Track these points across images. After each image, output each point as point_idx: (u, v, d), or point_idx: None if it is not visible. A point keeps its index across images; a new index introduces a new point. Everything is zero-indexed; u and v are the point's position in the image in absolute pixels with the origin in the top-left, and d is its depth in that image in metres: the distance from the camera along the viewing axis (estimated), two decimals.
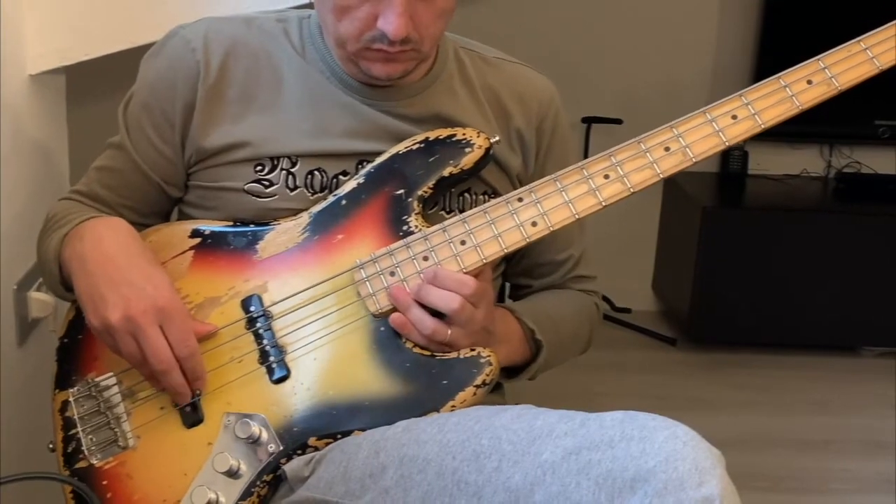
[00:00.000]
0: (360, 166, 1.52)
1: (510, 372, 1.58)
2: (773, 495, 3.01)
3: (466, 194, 1.56)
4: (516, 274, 1.71)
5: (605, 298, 4.21)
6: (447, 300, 1.38)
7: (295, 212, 1.51)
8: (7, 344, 1.79)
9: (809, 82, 1.46)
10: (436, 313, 1.39)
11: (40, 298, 1.85)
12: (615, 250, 4.15)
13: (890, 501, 3.03)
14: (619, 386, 3.65)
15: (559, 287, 1.72)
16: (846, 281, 3.91)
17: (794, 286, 3.92)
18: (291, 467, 1.38)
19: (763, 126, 1.46)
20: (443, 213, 1.53)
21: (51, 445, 1.48)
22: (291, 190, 1.51)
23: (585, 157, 3.93)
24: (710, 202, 3.99)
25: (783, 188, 4.20)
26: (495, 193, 1.55)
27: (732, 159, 4.23)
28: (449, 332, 1.38)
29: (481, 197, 1.55)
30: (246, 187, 1.51)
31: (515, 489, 1.18)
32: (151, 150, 1.56)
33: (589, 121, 4.01)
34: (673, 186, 4.21)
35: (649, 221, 4.38)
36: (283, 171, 1.51)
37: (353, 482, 1.30)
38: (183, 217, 1.61)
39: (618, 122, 3.97)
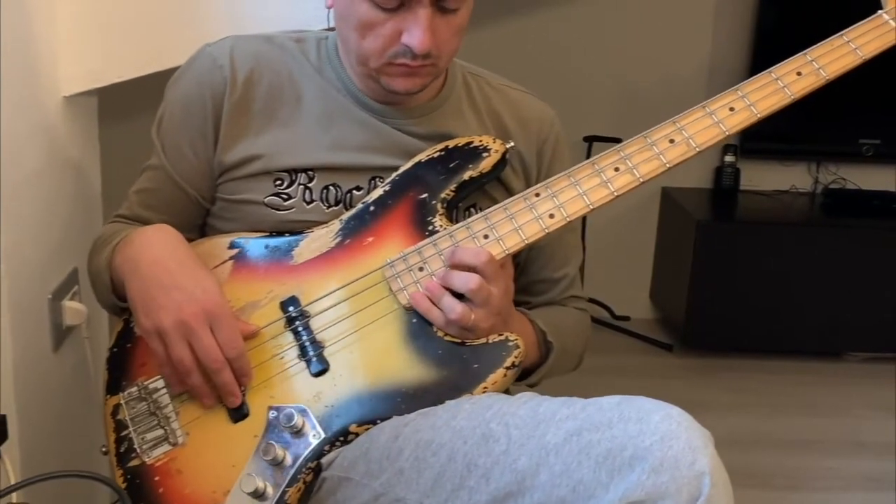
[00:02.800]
0: (372, 182, 1.53)
1: (520, 374, 1.58)
2: (764, 492, 2.99)
3: (472, 209, 1.56)
4: (516, 291, 1.70)
5: (606, 307, 4.22)
6: (466, 280, 1.39)
7: (310, 224, 1.51)
8: (42, 350, 1.78)
9: (799, 74, 1.48)
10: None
11: (74, 307, 1.84)
12: (615, 262, 4.17)
13: (872, 498, 3.02)
14: (619, 389, 3.60)
15: (556, 304, 1.71)
16: (832, 290, 3.89)
17: (783, 295, 3.90)
18: (329, 456, 1.39)
19: (759, 115, 1.47)
20: None
21: (104, 449, 1.48)
22: (308, 203, 1.51)
23: None
24: (705, 216, 3.97)
25: (773, 203, 4.19)
26: None
27: (725, 176, 4.21)
28: (473, 315, 1.38)
29: None
30: (266, 200, 1.51)
31: (522, 470, 1.19)
32: (188, 166, 1.56)
33: (590, 139, 4.00)
34: (669, 201, 4.21)
35: (647, 235, 4.37)
36: (301, 186, 1.51)
37: (373, 463, 1.32)
38: (206, 227, 1.61)
39: (617, 140, 3.95)
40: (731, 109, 1.47)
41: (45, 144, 1.78)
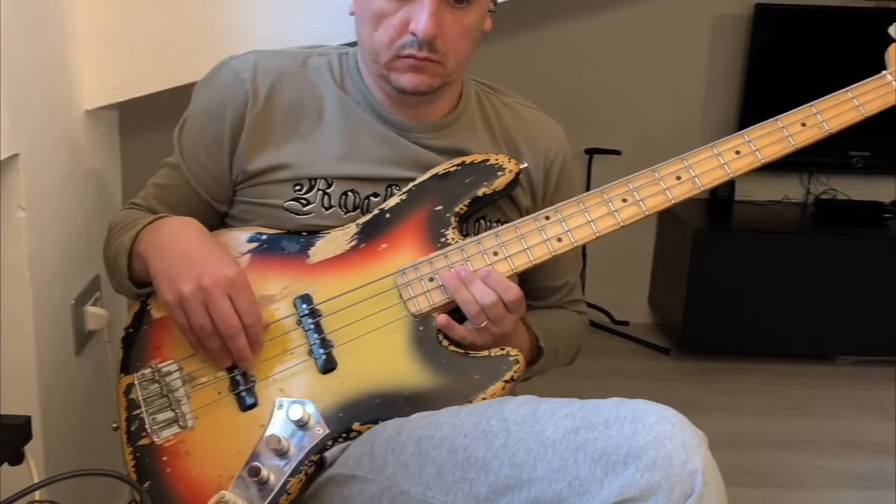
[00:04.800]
0: (388, 190, 1.53)
1: None
2: (757, 490, 2.98)
3: (482, 220, 1.56)
4: None
5: (606, 311, 4.21)
6: (484, 294, 1.40)
7: (328, 229, 1.51)
8: (65, 353, 1.79)
9: (803, 125, 1.49)
10: None
11: (95, 312, 1.85)
12: (615, 269, 4.16)
13: (863, 496, 3.00)
14: (618, 391, 3.59)
15: (556, 307, 1.73)
16: (823, 296, 3.88)
17: (776, 301, 3.89)
18: (332, 452, 1.40)
19: (763, 161, 1.48)
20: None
21: (114, 424, 1.48)
22: (326, 209, 1.52)
23: (588, 183, 3.94)
24: (701, 225, 3.96)
25: (767, 213, 4.18)
26: (507, 223, 1.54)
27: (721, 186, 4.18)
28: (485, 323, 1.40)
29: (494, 224, 1.55)
30: (285, 205, 1.52)
31: (520, 463, 1.20)
32: (202, 171, 1.56)
33: (591, 152, 4.00)
34: (667, 211, 4.17)
35: (646, 242, 4.36)
36: (320, 192, 1.51)
37: (378, 458, 1.33)
38: (224, 227, 1.61)
39: (617, 153, 3.96)
40: (738, 153, 1.48)
41: (67, 156, 1.79)
